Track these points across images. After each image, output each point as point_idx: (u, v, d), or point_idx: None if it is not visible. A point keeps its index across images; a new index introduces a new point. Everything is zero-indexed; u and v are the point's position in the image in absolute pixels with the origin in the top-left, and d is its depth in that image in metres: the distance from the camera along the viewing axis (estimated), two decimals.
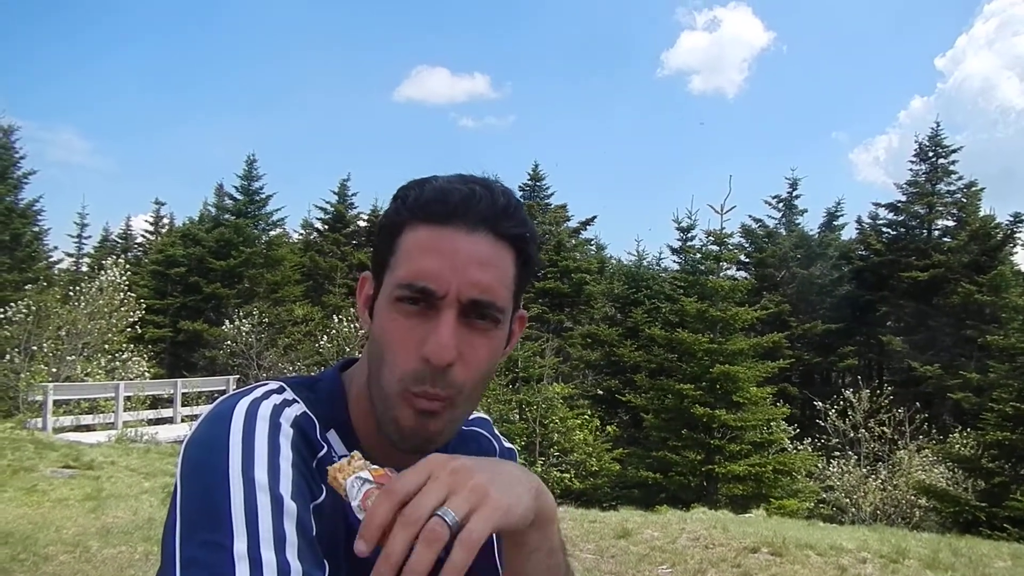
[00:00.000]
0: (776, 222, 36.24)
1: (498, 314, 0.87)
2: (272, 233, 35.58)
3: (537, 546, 0.78)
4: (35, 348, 18.31)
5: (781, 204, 36.27)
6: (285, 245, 35.83)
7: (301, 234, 39.83)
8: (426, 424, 0.86)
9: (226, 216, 34.61)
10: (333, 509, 0.82)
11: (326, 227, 38.17)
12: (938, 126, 32.76)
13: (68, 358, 19.02)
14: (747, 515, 10.65)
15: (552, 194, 36.77)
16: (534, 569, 0.79)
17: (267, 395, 0.88)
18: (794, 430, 20.52)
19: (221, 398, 0.88)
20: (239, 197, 34.69)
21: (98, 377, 19.08)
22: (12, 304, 18.97)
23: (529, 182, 36.12)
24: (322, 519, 0.82)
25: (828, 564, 6.88)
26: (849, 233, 36.35)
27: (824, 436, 20.52)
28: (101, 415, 17.27)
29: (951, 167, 32.10)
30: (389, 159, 77.43)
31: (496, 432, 1.14)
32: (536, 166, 36.64)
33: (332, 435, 0.91)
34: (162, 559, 0.80)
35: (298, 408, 0.89)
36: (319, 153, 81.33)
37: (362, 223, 37.87)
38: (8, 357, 17.78)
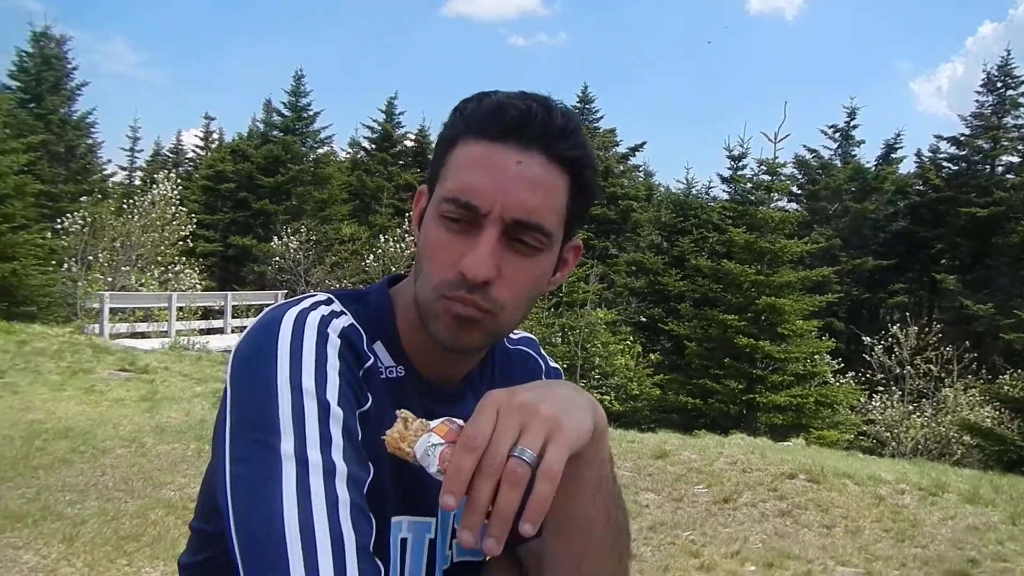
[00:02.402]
0: (831, 153, 35.20)
1: (543, 238, 0.85)
2: (320, 151, 35.64)
3: (591, 459, 0.79)
4: (91, 258, 18.89)
5: (837, 134, 35.12)
6: (332, 163, 35.87)
7: (348, 153, 39.80)
8: (463, 332, 0.86)
9: (274, 133, 34.68)
10: (379, 417, 0.83)
11: (373, 146, 38.05)
12: (1008, 55, 31.17)
13: (123, 268, 19.58)
14: (786, 443, 10.68)
15: (601, 118, 36.13)
16: (585, 480, 0.80)
17: (315, 306, 0.88)
18: (838, 364, 20.37)
19: (269, 307, 0.89)
20: (287, 113, 34.67)
21: (152, 287, 19.64)
22: (69, 215, 19.47)
23: (578, 104, 35.37)
24: (367, 425, 0.83)
25: (866, 493, 6.89)
26: (907, 167, 35.24)
27: (869, 371, 20.32)
28: (155, 323, 17.86)
29: (1020, 99, 30.65)
30: (437, 77, 76.72)
31: (543, 352, 1.14)
32: (586, 88, 35.97)
33: (379, 346, 0.92)
34: (213, 455, 0.83)
35: (345, 320, 0.89)
36: (367, 70, 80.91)
37: (409, 143, 37.72)
38: (66, 266, 18.38)
